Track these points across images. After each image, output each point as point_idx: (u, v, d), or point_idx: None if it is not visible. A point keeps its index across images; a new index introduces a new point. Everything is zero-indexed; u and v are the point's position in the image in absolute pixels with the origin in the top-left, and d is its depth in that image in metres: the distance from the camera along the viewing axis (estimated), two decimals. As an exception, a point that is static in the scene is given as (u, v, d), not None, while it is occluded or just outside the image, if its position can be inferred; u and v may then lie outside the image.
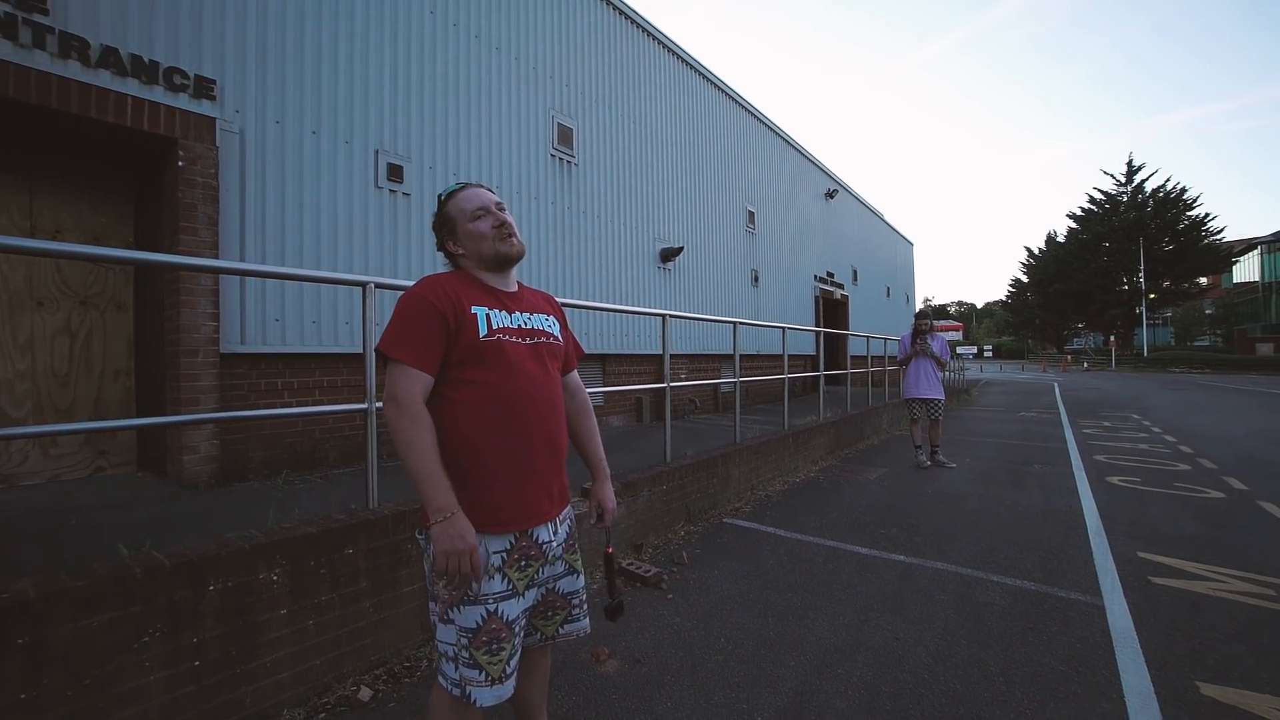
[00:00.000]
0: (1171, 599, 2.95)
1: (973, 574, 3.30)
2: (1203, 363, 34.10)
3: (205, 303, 4.17)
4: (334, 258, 4.98)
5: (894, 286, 21.88)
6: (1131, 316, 41.85)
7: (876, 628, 2.67)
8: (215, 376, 4.20)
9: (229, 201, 4.36)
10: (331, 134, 4.98)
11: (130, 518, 3.27)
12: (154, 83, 3.97)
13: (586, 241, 7.72)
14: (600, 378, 7.96)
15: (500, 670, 1.31)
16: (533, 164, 6.94)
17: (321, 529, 2.15)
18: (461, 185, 1.51)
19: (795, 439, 5.98)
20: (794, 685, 2.22)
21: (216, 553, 1.88)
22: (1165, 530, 4.06)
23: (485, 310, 1.37)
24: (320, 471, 4.71)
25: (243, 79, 4.45)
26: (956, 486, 5.40)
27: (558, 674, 2.27)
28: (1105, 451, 7.25)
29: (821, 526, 4.17)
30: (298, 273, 2.46)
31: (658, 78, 9.31)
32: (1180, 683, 2.21)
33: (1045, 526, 4.16)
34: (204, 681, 1.81)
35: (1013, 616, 2.78)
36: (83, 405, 4.28)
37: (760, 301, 11.97)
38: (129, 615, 1.67)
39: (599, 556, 3.31)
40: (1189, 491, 5.14)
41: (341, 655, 2.18)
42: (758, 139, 12.41)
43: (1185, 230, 39.25)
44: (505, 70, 6.63)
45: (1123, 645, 2.49)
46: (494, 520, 1.33)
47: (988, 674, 2.28)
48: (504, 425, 1.34)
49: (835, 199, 16.16)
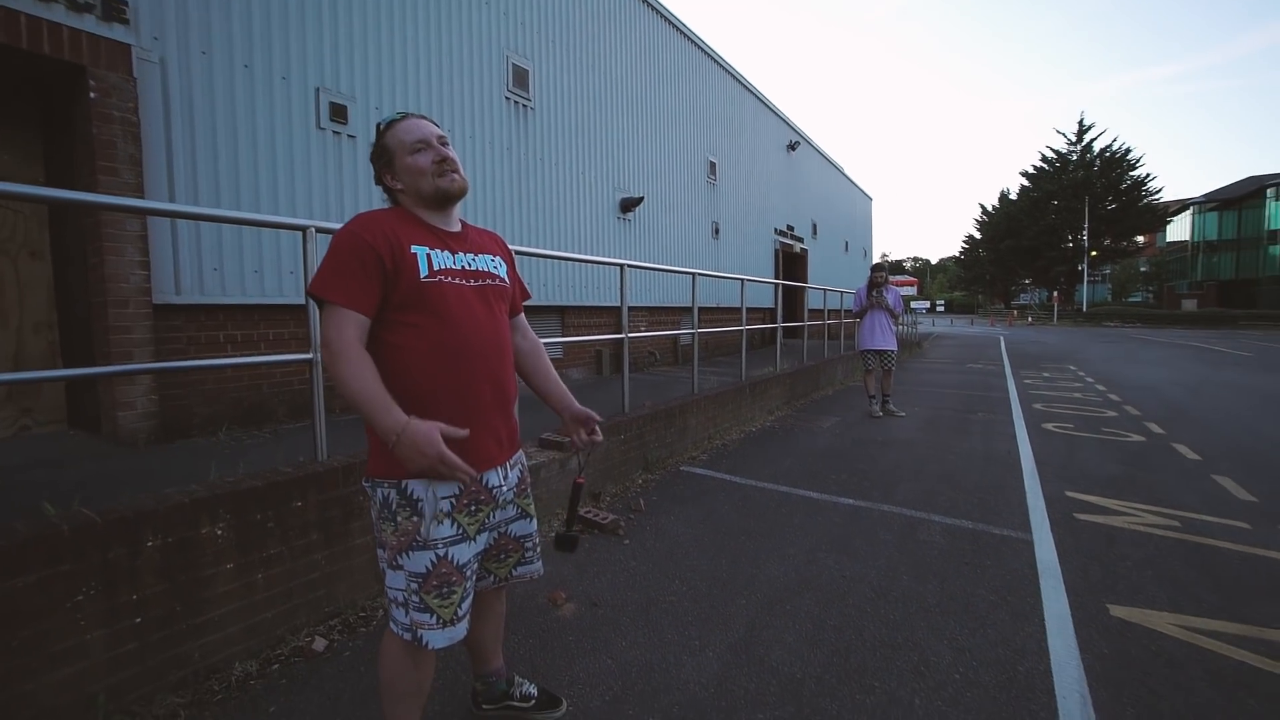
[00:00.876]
0: (1092, 533, 3.18)
1: (915, 515, 3.48)
2: (1135, 317, 36.12)
3: (133, 250, 3.89)
4: (275, 203, 4.69)
5: (852, 241, 22.16)
6: (1074, 273, 43.67)
7: (824, 567, 2.80)
8: (149, 329, 3.97)
9: (153, 140, 4.02)
10: (266, 68, 4.61)
11: (61, 477, 3.12)
12: (51, 0, 3.56)
13: (544, 189, 7.49)
14: (559, 329, 7.88)
15: (452, 613, 1.32)
16: (487, 107, 6.62)
17: (268, 482, 2.09)
18: (402, 115, 1.40)
19: (752, 389, 6.09)
20: (745, 622, 2.32)
21: (154, 508, 1.81)
22: (1092, 471, 4.35)
23: (426, 250, 1.30)
24: (269, 427, 4.56)
25: (160, 3, 4.04)
26: (905, 434, 5.63)
27: (515, 617, 2.31)
28: (1043, 400, 7.66)
29: (775, 473, 4.31)
30: (230, 215, 2.31)
31: (619, 20, 8.91)
32: (1093, 606, 2.41)
33: (985, 470, 4.40)
34: (147, 638, 1.77)
35: (950, 553, 2.95)
36: (0, 360, 4.00)
37: (720, 254, 11.96)
38: (59, 574, 1.60)
39: (555, 503, 3.35)
40: (1114, 436, 5.50)
41: (294, 607, 2.16)
42: (721, 88, 12.12)
43: (1127, 190, 40.76)
44: (458, 5, 6.21)
45: (1046, 576, 2.69)
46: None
47: (925, 605, 2.43)
48: (448, 369, 1.30)
49: (797, 151, 16.07)
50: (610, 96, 8.72)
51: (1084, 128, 43.49)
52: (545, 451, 3.45)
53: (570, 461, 3.46)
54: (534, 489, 3.15)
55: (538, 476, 3.22)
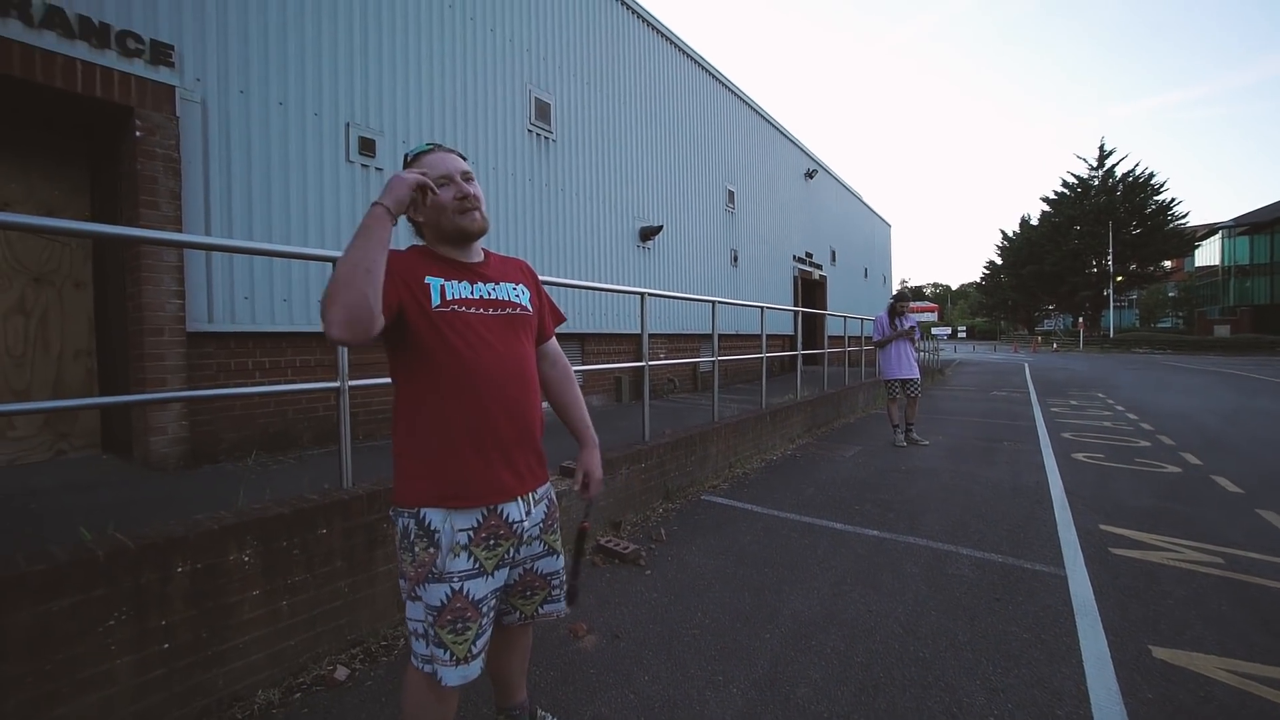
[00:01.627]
0: (1129, 569, 3.06)
1: (943, 548, 3.38)
2: (1165, 343, 35.22)
3: (169, 280, 4.03)
4: (304, 234, 4.84)
5: (871, 267, 22.09)
6: (1099, 298, 42.92)
7: (850, 601, 2.73)
8: (182, 356, 4.08)
9: (192, 174, 4.20)
10: (299, 105, 4.81)
11: (94, 501, 3.18)
12: (105, 46, 3.77)
13: (565, 219, 7.62)
14: (579, 357, 7.93)
15: (466, 650, 1.29)
16: (510, 139, 6.80)
17: (294, 509, 2.12)
18: (431, 146, 1.40)
19: (773, 417, 6.04)
20: (769, 658, 2.26)
21: (184, 534, 1.84)
22: (1126, 504, 4.21)
23: (440, 281, 1.31)
24: (294, 453, 4.63)
25: (203, 46, 4.25)
26: (929, 463, 5.52)
27: (536, 648, 2.28)
28: (1072, 429, 7.47)
29: (798, 503, 4.24)
30: (264, 247, 2.37)
31: (638, 53, 9.15)
32: (1134, 647, 2.31)
33: (1013, 501, 4.28)
34: (174, 664, 1.78)
35: (980, 588, 2.86)
36: (41, 386, 4.13)
37: (739, 281, 12.00)
38: (92, 599, 1.63)
39: (567, 542, 3.33)
40: (1148, 467, 5.33)
41: (317, 635, 2.16)
42: (738, 117, 12.31)
43: (1152, 214, 40.19)
44: (482, 42, 6.45)
45: (1083, 613, 2.59)
46: (458, 494, 1.29)
47: (955, 643, 2.36)
48: (464, 399, 1.29)
49: (815, 179, 16.18)
50: (630, 127, 8.90)
51: (1105, 153, 43.21)
52: (565, 480, 3.44)
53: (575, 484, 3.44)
54: (554, 517, 3.16)
55: (558, 506, 3.21)
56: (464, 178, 1.36)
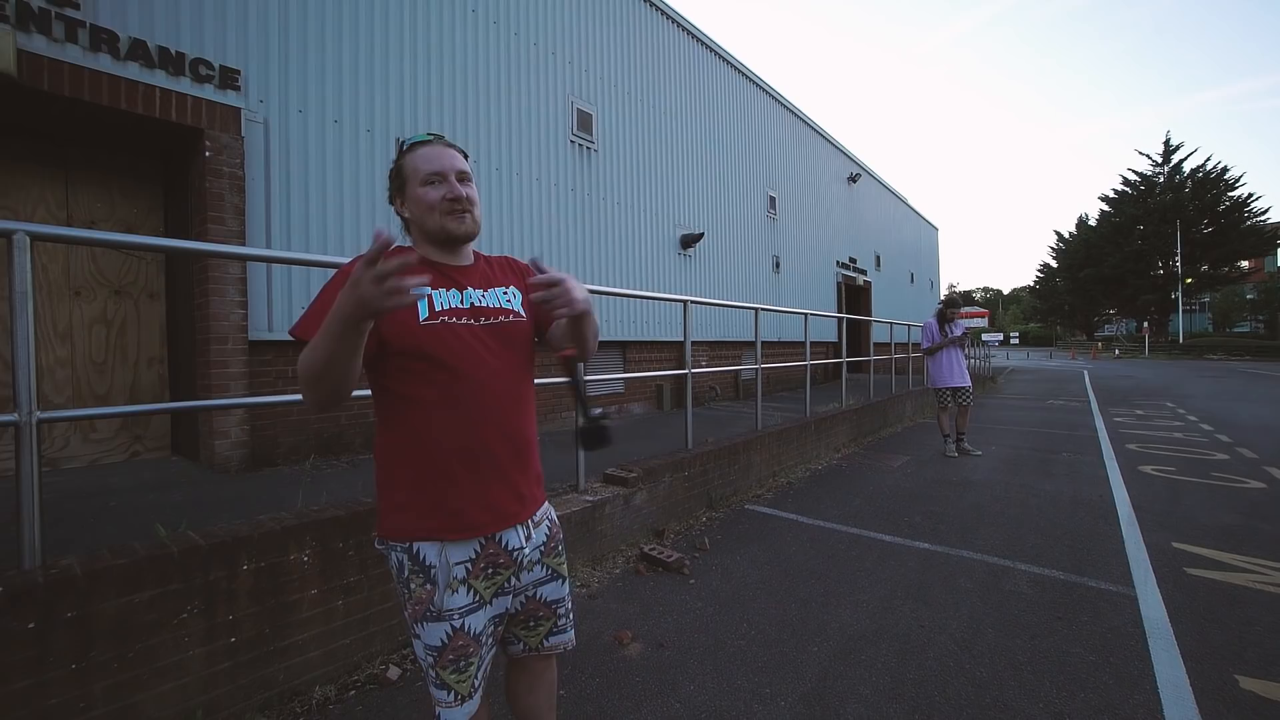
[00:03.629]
0: (1208, 591, 2.87)
1: (999, 562, 3.25)
2: (1243, 350, 32.96)
3: (233, 290, 4.25)
4: (357, 245, 5.03)
5: (918, 272, 21.47)
6: (1166, 302, 40.55)
7: (900, 615, 2.65)
8: (244, 363, 4.29)
9: (254, 190, 4.43)
10: (353, 122, 5.01)
11: (166, 500, 3.37)
12: (180, 74, 4.02)
13: (606, 228, 7.69)
14: (621, 364, 7.97)
15: (469, 687, 1.22)
16: (553, 150, 6.92)
17: (350, 512, 2.19)
18: (430, 138, 1.27)
19: (817, 426, 5.93)
20: (817, 671, 2.21)
21: (249, 534, 1.93)
22: (1201, 520, 3.95)
23: (428, 290, 1.19)
24: (346, 457, 4.80)
25: (266, 69, 4.49)
26: (982, 474, 5.31)
27: (580, 655, 2.29)
28: (1138, 440, 7.07)
29: (844, 514, 4.14)
30: (321, 259, 2.48)
31: (678, 62, 9.19)
32: (1217, 676, 2.15)
33: (1074, 515, 4.08)
34: (239, 658, 1.87)
35: (1040, 606, 2.73)
36: (119, 392, 4.41)
37: (781, 288, 11.85)
38: (168, 593, 1.72)
39: (620, 539, 3.33)
40: (1227, 481, 4.99)
41: (370, 635, 2.22)
42: (779, 123, 12.21)
43: (1226, 212, 37.72)
44: (525, 56, 6.59)
45: (1156, 637, 2.44)
46: (456, 525, 1.19)
47: (1015, 663, 2.25)
48: (457, 421, 1.18)
49: (858, 183, 15.87)
50: (670, 136, 8.93)
51: (1171, 147, 40.95)
52: (610, 487, 3.46)
53: (634, 497, 3.46)
54: (597, 524, 3.18)
55: (602, 512, 3.23)
56: (459, 177, 1.24)
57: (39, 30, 3.47)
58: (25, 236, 1.60)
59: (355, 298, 0.91)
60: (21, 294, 1.58)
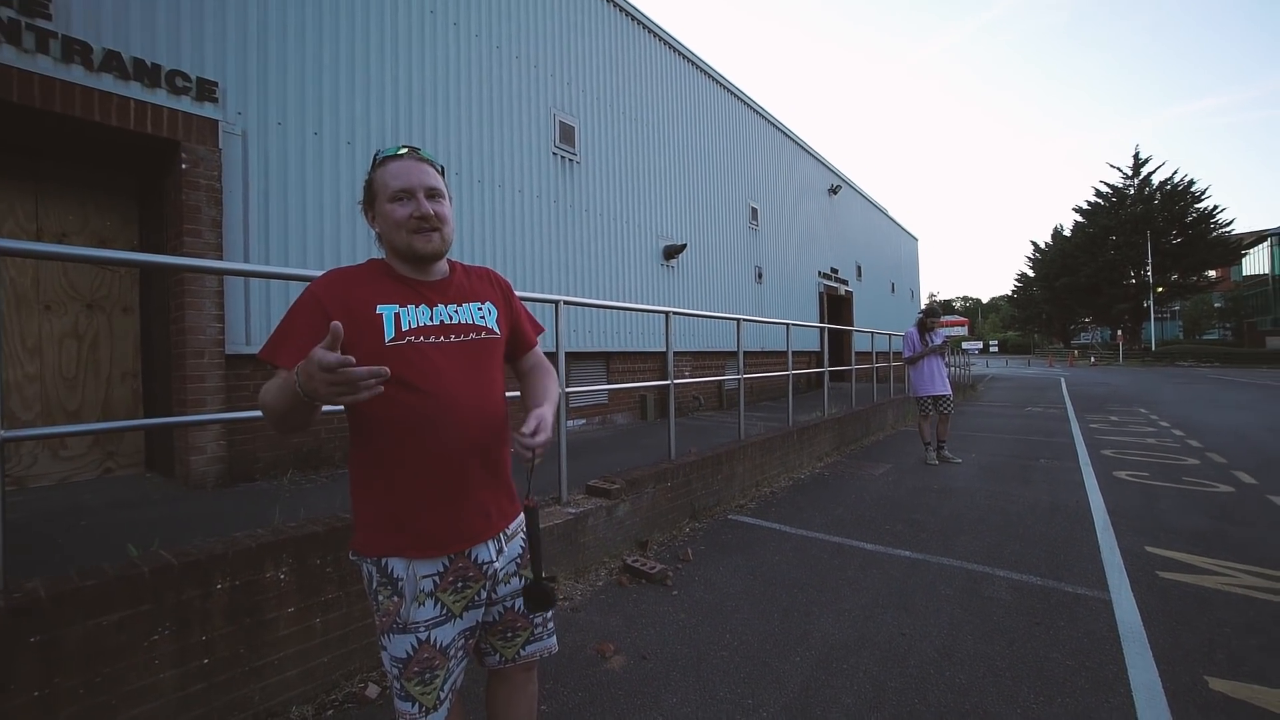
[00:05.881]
0: (1180, 594, 2.93)
1: (978, 569, 3.29)
2: (1212, 356, 33.88)
3: (210, 305, 4.19)
4: (338, 259, 5.00)
5: (898, 282, 21.81)
6: (1139, 310, 41.58)
7: (882, 624, 2.67)
8: (221, 378, 4.23)
9: (232, 203, 4.38)
10: (333, 135, 5.00)
11: (139, 518, 3.30)
12: (156, 86, 3.99)
13: (589, 239, 7.72)
14: (604, 376, 7.97)
15: (434, 699, 1.21)
16: (535, 162, 6.95)
17: (328, 528, 2.16)
18: (401, 151, 1.25)
19: (800, 435, 5.97)
20: (800, 681, 2.22)
21: (224, 552, 1.89)
22: (1174, 525, 4.04)
23: (395, 309, 1.18)
24: (326, 471, 4.73)
25: (244, 81, 4.47)
26: (962, 482, 5.38)
27: (563, 667, 2.27)
28: (1113, 446, 7.21)
29: (827, 523, 4.17)
30: (300, 273, 2.46)
31: (660, 74, 9.30)
32: (1189, 678, 2.20)
33: (1052, 521, 4.14)
34: (214, 679, 1.83)
35: (1019, 611, 2.77)
36: (91, 407, 4.32)
37: (764, 298, 11.95)
38: (139, 614, 1.69)
39: (603, 551, 3.32)
40: (1198, 486, 5.11)
41: (349, 653, 2.19)
42: (761, 135, 12.37)
43: (1194, 223, 38.92)
44: (506, 69, 6.63)
45: (1130, 640, 2.48)
46: (422, 544, 1.18)
47: (994, 669, 2.28)
48: (427, 442, 1.17)
49: (839, 195, 16.11)
50: (653, 148, 9.01)
51: (1140, 161, 42.17)
52: (592, 499, 3.45)
53: (617, 509, 3.45)
54: (580, 536, 3.17)
55: (585, 524, 3.22)
56: (428, 194, 1.22)
57: (8, 41, 3.43)
58: (-8, 251, 1.57)
59: (310, 387, 0.94)
60: (-12, 310, 1.55)
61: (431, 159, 1.29)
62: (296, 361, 1.03)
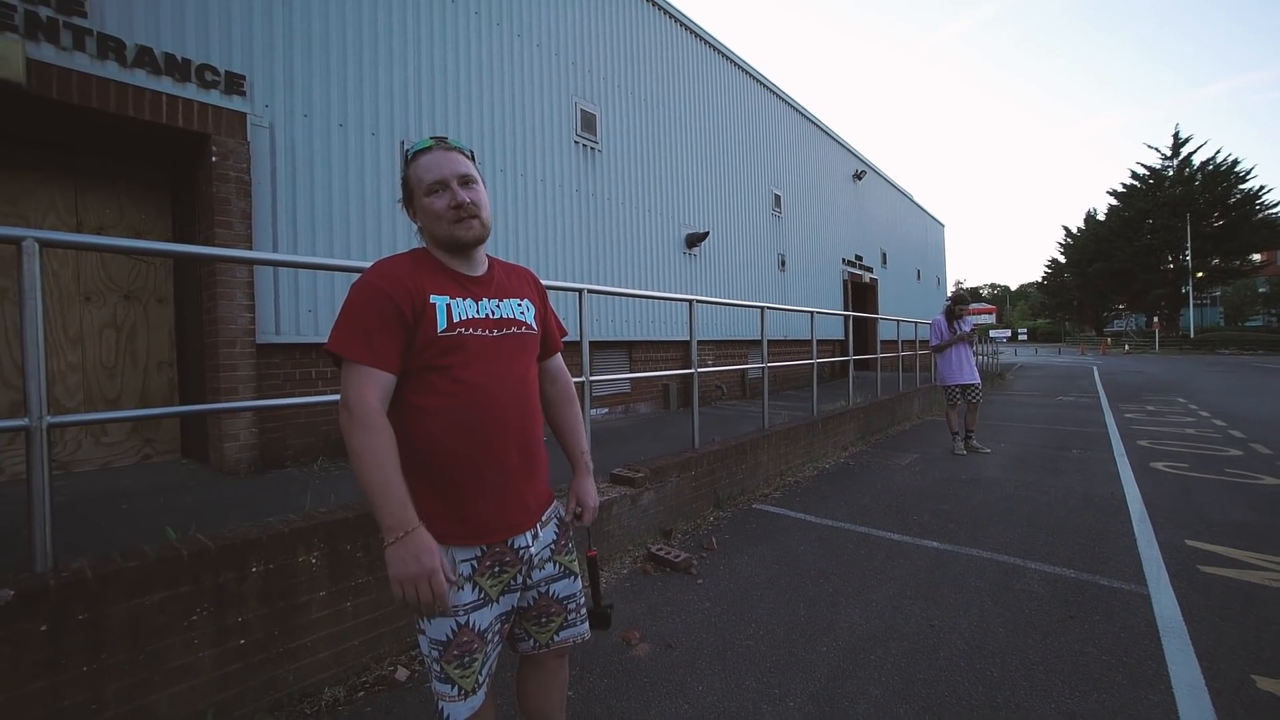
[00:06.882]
0: (1223, 589, 2.83)
1: (1009, 561, 3.22)
2: (1256, 344, 32.57)
3: (241, 295, 4.27)
4: (363, 248, 5.05)
5: (924, 269, 21.37)
6: (1177, 296, 40.16)
7: (910, 615, 2.63)
8: (252, 366, 4.32)
9: (261, 194, 4.45)
10: (358, 126, 5.04)
11: (176, 503, 3.40)
12: (186, 80, 4.05)
13: (611, 228, 7.69)
14: (627, 364, 7.97)
15: (473, 682, 1.22)
16: (557, 151, 6.93)
17: (357, 514, 2.20)
18: (432, 143, 1.26)
19: (824, 424, 5.90)
20: (827, 671, 2.20)
21: (258, 536, 1.93)
22: (1215, 517, 3.90)
23: (446, 300, 1.20)
24: (355, 458, 4.82)
25: (271, 74, 4.52)
26: (991, 472, 5.27)
27: (589, 654, 2.29)
28: (1149, 436, 7.00)
29: (852, 512, 4.12)
30: (328, 262, 2.49)
31: (682, 62, 9.18)
32: (1234, 675, 2.12)
33: (1085, 513, 4.04)
34: (249, 659, 1.88)
35: (1052, 604, 2.71)
36: (129, 395, 4.45)
37: (787, 286, 11.82)
38: (178, 595, 1.73)
39: (627, 539, 3.33)
40: (1241, 478, 4.93)
41: (378, 636, 2.23)
42: (784, 122, 12.17)
43: (1237, 205, 37.30)
44: (528, 57, 6.60)
45: (1170, 636, 2.41)
46: (462, 533, 1.21)
47: (1026, 662, 2.23)
48: (469, 432, 1.19)
49: (863, 180, 15.81)
50: (675, 135, 8.92)
51: (1180, 141, 40.54)
52: (617, 487, 3.46)
53: (641, 497, 3.45)
54: (605, 525, 3.17)
55: (609, 513, 3.23)
56: (461, 182, 1.23)
57: (47, 39, 3.51)
58: (34, 243, 1.61)
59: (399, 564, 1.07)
60: (31, 300, 1.59)
61: (460, 146, 1.30)
62: (368, 357, 1.12)
